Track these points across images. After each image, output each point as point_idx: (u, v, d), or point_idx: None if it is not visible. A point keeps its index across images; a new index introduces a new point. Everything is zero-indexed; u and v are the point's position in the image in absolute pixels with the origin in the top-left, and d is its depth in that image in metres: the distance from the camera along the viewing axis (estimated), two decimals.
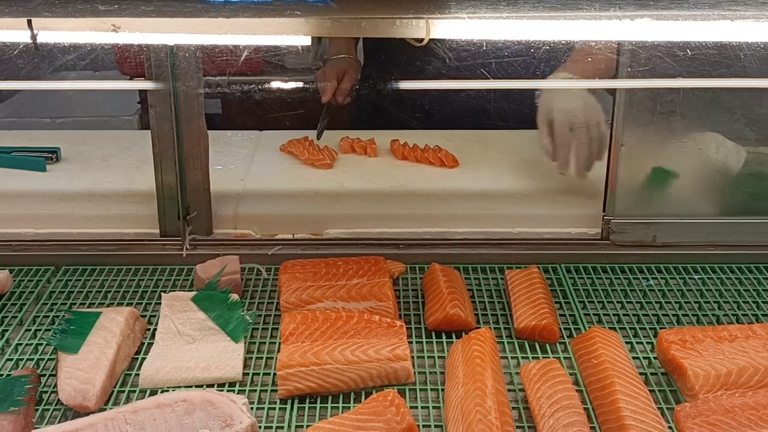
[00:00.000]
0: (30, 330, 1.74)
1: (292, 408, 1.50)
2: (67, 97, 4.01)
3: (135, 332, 1.68)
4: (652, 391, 1.51)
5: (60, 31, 1.53)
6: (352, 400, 1.52)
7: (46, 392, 1.55)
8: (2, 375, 1.58)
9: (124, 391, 1.55)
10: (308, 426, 1.41)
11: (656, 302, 1.85)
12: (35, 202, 2.19)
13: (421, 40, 1.50)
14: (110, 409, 1.48)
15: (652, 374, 1.59)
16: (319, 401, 1.52)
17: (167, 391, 1.52)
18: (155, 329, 1.70)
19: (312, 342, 1.59)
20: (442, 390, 1.54)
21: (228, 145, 2.59)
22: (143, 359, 1.62)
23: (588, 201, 2.11)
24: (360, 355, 1.55)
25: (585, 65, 2.08)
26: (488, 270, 1.98)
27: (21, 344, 1.69)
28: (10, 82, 2.24)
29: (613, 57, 1.85)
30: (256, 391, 1.55)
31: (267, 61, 2.35)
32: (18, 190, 2.24)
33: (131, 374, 1.60)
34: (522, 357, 1.65)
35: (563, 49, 1.95)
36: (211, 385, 1.55)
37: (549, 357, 1.63)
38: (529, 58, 2.16)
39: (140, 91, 3.18)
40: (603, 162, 2.04)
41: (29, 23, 1.47)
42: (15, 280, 1.92)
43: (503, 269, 1.96)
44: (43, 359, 1.64)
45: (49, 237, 2.06)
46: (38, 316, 1.80)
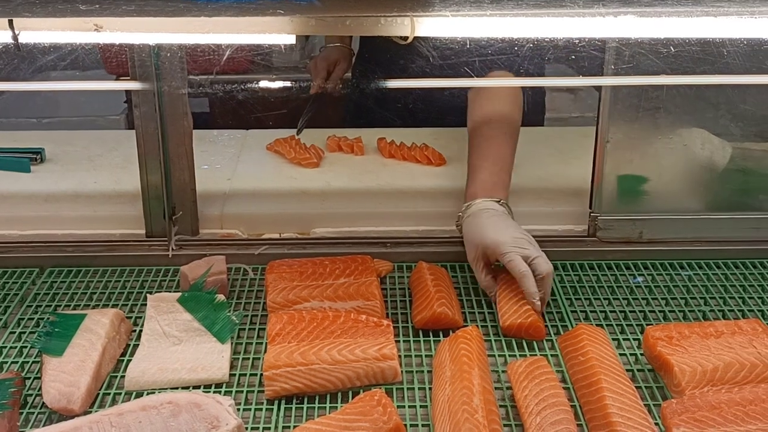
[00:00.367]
0: (14, 333, 1.73)
1: (279, 409, 1.50)
2: (53, 96, 3.99)
3: (120, 334, 1.67)
4: (638, 388, 1.51)
5: (41, 31, 1.52)
6: (339, 400, 1.52)
7: (30, 395, 1.53)
8: None
9: (109, 394, 1.54)
10: (295, 427, 1.41)
11: (643, 298, 1.85)
12: (19, 204, 2.17)
13: (405, 38, 1.49)
14: (95, 411, 1.46)
15: (638, 371, 1.59)
16: (306, 402, 1.52)
17: (153, 393, 1.52)
18: (141, 331, 1.69)
19: (299, 342, 1.59)
20: (430, 389, 1.54)
21: (214, 144, 2.58)
22: (129, 361, 1.61)
23: (574, 198, 2.11)
24: (347, 354, 1.55)
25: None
26: None
27: (5, 347, 1.68)
28: None
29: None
30: (242, 392, 1.55)
31: (250, 61, 2.34)
32: (2, 192, 2.22)
33: (117, 376, 1.59)
34: (509, 355, 1.65)
35: (547, 47, 1.94)
36: (197, 387, 1.55)
37: (536, 355, 1.63)
38: (513, 56, 2.16)
39: (126, 91, 3.16)
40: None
41: (10, 23, 1.46)
42: None
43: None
44: (27, 362, 1.63)
45: (34, 238, 2.05)
46: (23, 319, 1.78)
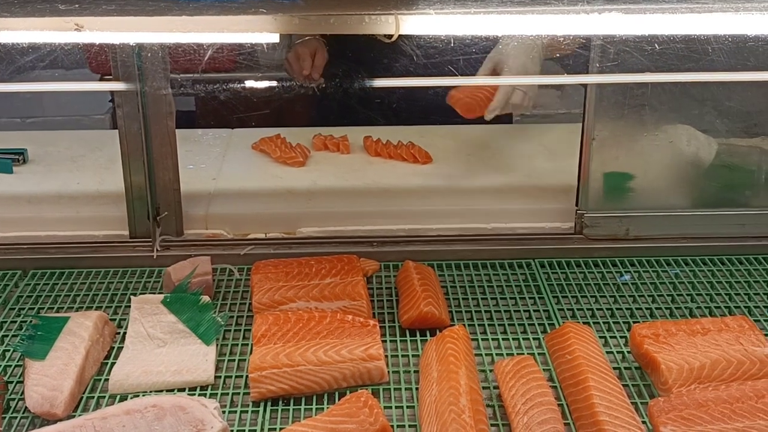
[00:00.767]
0: None
1: (264, 411, 1.48)
2: (37, 96, 3.94)
3: (104, 337, 1.66)
4: (626, 386, 1.51)
5: (21, 31, 1.49)
6: (325, 402, 1.51)
7: (13, 400, 1.51)
8: None
9: (93, 397, 1.53)
10: (281, 429, 1.40)
11: (630, 296, 1.85)
12: (1, 205, 2.15)
13: (390, 37, 1.48)
14: (79, 416, 1.45)
15: (626, 369, 1.59)
16: (292, 403, 1.50)
17: (137, 396, 1.50)
18: (125, 333, 1.67)
19: (284, 343, 1.58)
20: (417, 389, 1.53)
21: (199, 144, 2.56)
22: (113, 364, 1.60)
23: (561, 195, 2.11)
24: (333, 355, 1.54)
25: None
26: (462, 266, 1.97)
27: None
28: None
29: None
30: (228, 394, 1.53)
31: (234, 60, 2.32)
32: None
33: (101, 379, 1.57)
34: (497, 354, 1.65)
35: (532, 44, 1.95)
36: (182, 390, 1.53)
37: (523, 353, 1.63)
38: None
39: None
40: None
41: None
42: None
43: (477, 265, 1.96)
44: (10, 366, 1.61)
45: (17, 240, 2.03)
46: (5, 322, 1.76)
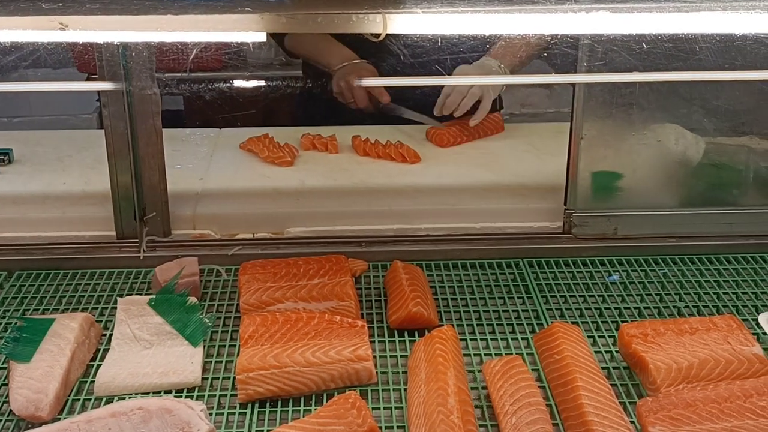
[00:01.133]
0: None
1: (252, 412, 1.47)
2: (23, 95, 3.92)
3: (90, 338, 1.64)
4: (614, 386, 1.51)
5: (5, 30, 1.48)
6: (313, 403, 1.50)
7: None
8: None
9: (79, 400, 1.51)
10: (269, 431, 1.39)
11: (618, 295, 1.85)
12: None
13: (378, 36, 1.48)
14: (64, 419, 1.44)
15: (614, 368, 1.59)
16: (279, 405, 1.49)
17: (123, 398, 1.49)
18: (111, 335, 1.66)
19: (272, 344, 1.57)
20: (405, 390, 1.52)
21: (186, 143, 2.55)
22: (99, 366, 1.58)
23: (549, 195, 2.11)
24: (321, 356, 1.53)
25: (512, 51, 2.05)
26: (451, 266, 1.97)
27: None
28: None
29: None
30: (215, 396, 1.52)
31: (221, 59, 2.31)
32: None
33: (86, 382, 1.56)
34: (485, 354, 1.64)
35: (519, 44, 1.95)
36: (169, 392, 1.52)
37: (512, 354, 1.62)
38: (484, 54, 2.16)
39: None
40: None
41: None
42: None
43: (466, 265, 1.96)
44: None
45: (1, 241, 2.01)
46: None
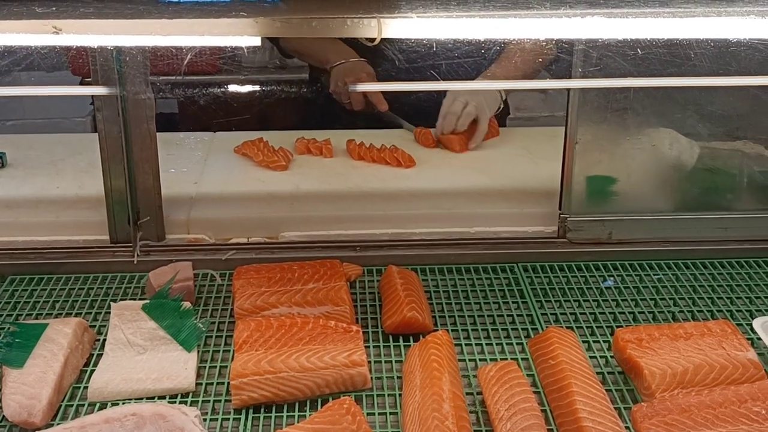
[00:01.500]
0: None
1: (246, 418, 1.47)
2: (17, 98, 3.91)
3: (83, 344, 1.63)
4: (609, 391, 1.51)
5: None
6: (308, 409, 1.50)
7: None
8: None
9: (72, 406, 1.50)
10: None
11: (612, 300, 1.85)
12: None
13: (373, 40, 1.47)
14: (57, 425, 1.43)
15: (609, 373, 1.59)
16: (274, 410, 1.49)
17: (117, 404, 1.48)
18: (105, 340, 1.65)
19: (266, 350, 1.56)
20: (400, 395, 1.52)
21: (181, 147, 2.54)
22: (92, 371, 1.57)
23: (544, 199, 2.11)
24: (316, 361, 1.53)
25: (515, 62, 2.06)
26: (446, 271, 1.96)
27: None
28: None
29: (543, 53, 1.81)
30: (209, 401, 1.52)
31: (215, 63, 2.31)
32: None
33: (80, 387, 1.55)
34: (480, 359, 1.64)
35: (514, 50, 1.95)
36: (162, 397, 1.52)
37: (507, 359, 1.62)
38: (479, 59, 2.17)
39: None
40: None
41: None
42: None
43: (460, 270, 1.96)
44: None
45: None
46: None
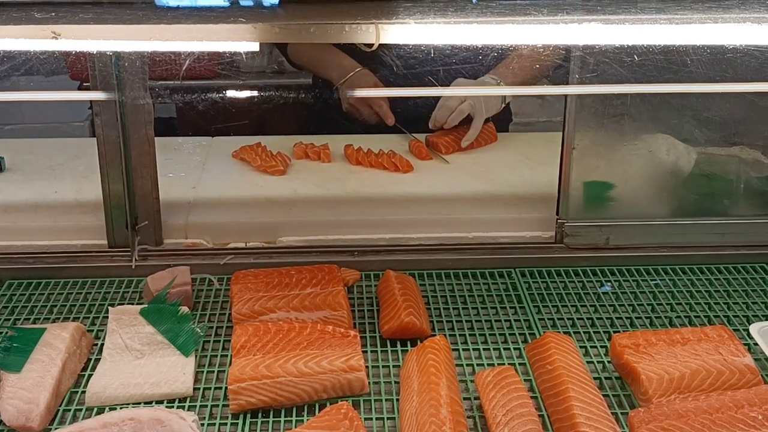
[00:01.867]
0: None
1: (244, 423, 1.47)
2: (16, 103, 3.91)
3: (81, 348, 1.63)
4: (606, 396, 1.51)
5: None
6: (305, 413, 1.50)
7: None
8: None
9: (69, 410, 1.50)
10: None
11: (610, 305, 1.85)
12: None
13: (371, 46, 1.48)
14: (55, 429, 1.43)
15: (606, 378, 1.59)
16: (271, 415, 1.49)
17: (115, 409, 1.49)
18: (103, 344, 1.65)
19: (264, 354, 1.56)
20: (397, 400, 1.52)
21: (179, 152, 2.54)
22: (90, 376, 1.58)
23: (541, 204, 2.11)
24: (313, 366, 1.53)
25: (515, 68, 2.07)
26: (443, 276, 1.97)
27: None
28: None
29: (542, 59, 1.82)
30: (207, 406, 1.52)
31: (214, 68, 2.32)
32: None
33: (77, 392, 1.55)
34: (477, 364, 1.64)
35: (511, 55, 1.95)
36: (160, 402, 1.52)
37: (504, 364, 1.62)
38: (477, 65, 2.18)
39: None
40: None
41: None
42: None
43: (458, 275, 1.96)
44: None
45: None
46: None
